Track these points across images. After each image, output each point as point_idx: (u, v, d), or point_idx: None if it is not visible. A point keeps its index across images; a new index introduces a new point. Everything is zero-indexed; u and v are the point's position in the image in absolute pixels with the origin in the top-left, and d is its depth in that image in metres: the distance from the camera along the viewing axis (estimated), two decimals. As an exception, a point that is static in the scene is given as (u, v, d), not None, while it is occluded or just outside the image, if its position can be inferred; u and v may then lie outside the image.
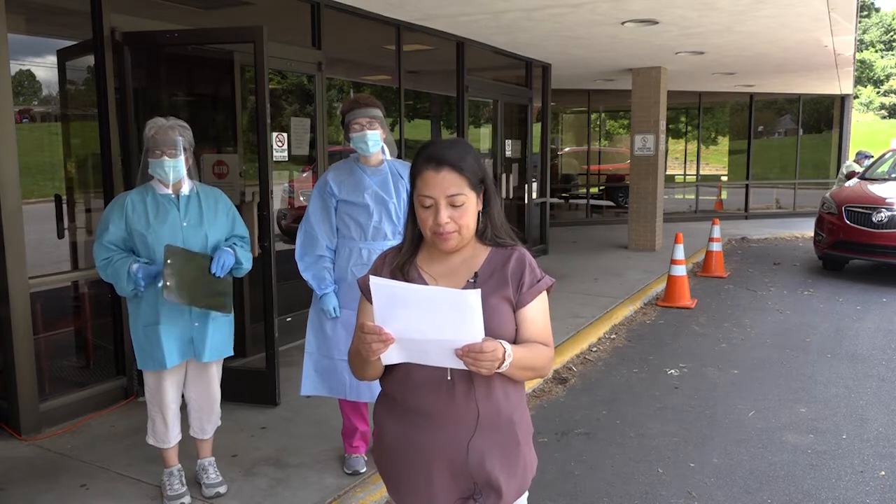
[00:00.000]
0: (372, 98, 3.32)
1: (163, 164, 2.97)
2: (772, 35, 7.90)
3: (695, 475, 3.71)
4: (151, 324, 3.03)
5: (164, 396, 3.13)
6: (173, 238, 3.01)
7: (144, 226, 2.99)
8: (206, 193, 3.16)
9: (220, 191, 3.26)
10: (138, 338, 3.09)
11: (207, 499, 3.25)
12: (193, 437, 3.33)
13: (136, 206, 3.02)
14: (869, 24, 51.21)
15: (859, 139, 21.03)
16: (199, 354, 3.13)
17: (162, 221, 3.00)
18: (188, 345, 3.11)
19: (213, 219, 3.13)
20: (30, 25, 4.62)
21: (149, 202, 3.03)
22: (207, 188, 3.19)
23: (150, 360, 3.07)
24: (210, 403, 3.28)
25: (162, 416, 3.16)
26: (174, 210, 3.05)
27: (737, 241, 12.25)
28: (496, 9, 6.41)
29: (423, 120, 9.09)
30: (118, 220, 3.00)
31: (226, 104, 5.63)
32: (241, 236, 3.25)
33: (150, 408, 3.18)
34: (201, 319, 3.11)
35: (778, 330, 6.53)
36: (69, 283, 4.68)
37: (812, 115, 16.48)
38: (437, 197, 1.64)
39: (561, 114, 15.44)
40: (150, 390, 3.15)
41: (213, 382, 3.27)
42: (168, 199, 3.05)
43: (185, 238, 3.03)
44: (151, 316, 3.03)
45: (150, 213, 3.00)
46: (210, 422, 3.32)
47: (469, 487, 1.70)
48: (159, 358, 3.04)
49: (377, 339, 1.52)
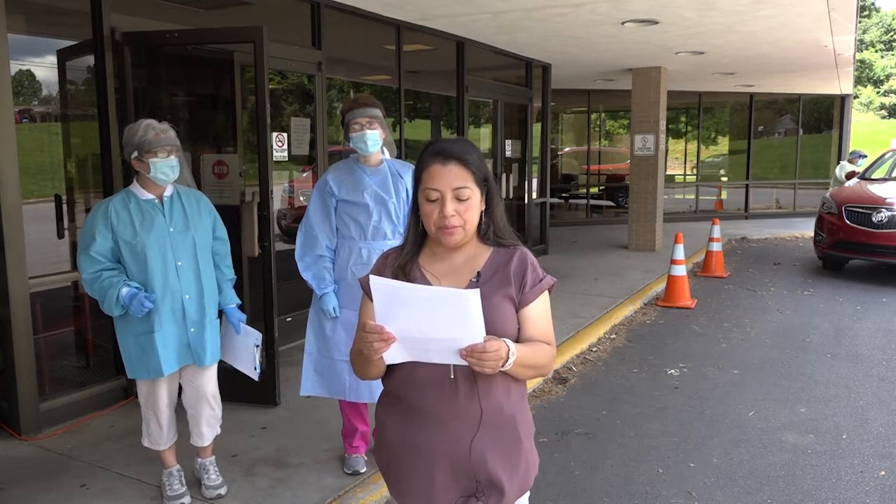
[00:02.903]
0: (372, 98, 3.32)
1: (171, 163, 2.93)
2: (772, 35, 7.90)
3: (695, 475, 3.71)
4: (145, 332, 2.97)
5: (158, 401, 3.10)
6: (161, 246, 2.95)
7: (131, 234, 2.92)
8: (187, 196, 3.10)
9: (200, 192, 3.22)
10: (128, 347, 3.02)
11: (208, 500, 3.24)
12: (193, 444, 3.31)
13: (120, 213, 2.94)
14: (869, 24, 51.21)
15: (859, 139, 21.04)
16: (200, 359, 3.09)
17: (148, 229, 2.94)
18: (185, 350, 3.07)
19: (199, 222, 3.09)
20: (30, 25, 4.62)
21: (132, 209, 2.95)
22: (186, 190, 3.14)
23: (143, 370, 3.01)
24: (207, 405, 3.23)
25: (156, 420, 3.14)
26: (159, 216, 2.99)
27: (737, 241, 12.25)
28: (496, 9, 6.41)
29: (423, 120, 9.09)
30: (104, 230, 2.91)
31: (226, 104, 5.64)
32: (221, 239, 3.23)
33: (144, 411, 3.16)
34: (197, 324, 3.07)
35: (778, 330, 6.53)
36: (69, 283, 4.67)
37: (812, 115, 16.49)
38: (443, 190, 1.65)
39: (561, 114, 15.45)
40: (144, 396, 3.12)
41: (211, 384, 3.23)
42: (152, 205, 2.99)
43: (173, 245, 2.98)
44: (143, 325, 2.96)
45: (135, 221, 2.93)
46: (209, 426, 3.27)
47: (471, 486, 1.70)
48: (155, 366, 2.98)
49: (378, 338, 1.52)
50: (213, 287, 3.15)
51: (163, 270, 2.96)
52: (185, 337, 3.06)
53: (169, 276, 2.98)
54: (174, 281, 2.99)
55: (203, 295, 3.09)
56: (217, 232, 3.21)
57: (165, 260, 2.97)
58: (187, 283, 3.03)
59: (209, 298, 3.12)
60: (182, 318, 3.04)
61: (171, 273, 2.99)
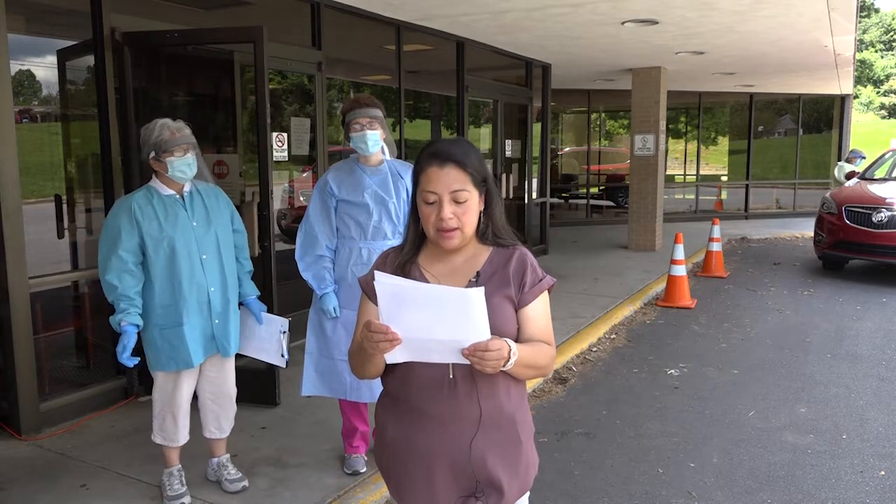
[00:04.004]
0: (372, 98, 3.32)
1: (187, 161, 2.98)
2: (772, 35, 7.90)
3: (695, 475, 3.71)
4: (172, 326, 3.02)
5: (178, 396, 3.12)
6: (187, 240, 3.01)
7: (157, 229, 2.97)
8: (206, 191, 3.17)
9: (217, 187, 3.28)
10: (153, 340, 3.05)
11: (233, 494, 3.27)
12: (209, 438, 3.33)
13: (144, 209, 2.99)
14: (869, 24, 51.20)
15: (859, 139, 21.01)
16: (225, 349, 3.16)
17: (173, 223, 3.00)
18: (210, 341, 3.13)
19: (219, 216, 3.16)
20: (30, 25, 4.63)
21: (156, 204, 3.01)
22: (204, 185, 3.19)
23: (170, 361, 3.05)
24: (228, 399, 3.31)
25: (173, 416, 3.15)
26: (182, 211, 3.05)
27: (737, 241, 12.25)
28: (497, 9, 6.41)
29: (423, 120, 9.09)
30: (129, 227, 2.95)
31: (226, 104, 5.64)
32: (239, 231, 3.30)
33: (160, 407, 3.17)
34: (221, 315, 3.14)
35: (778, 330, 6.53)
36: (69, 283, 4.68)
37: (812, 115, 16.49)
38: (440, 192, 1.65)
39: (561, 114, 15.44)
40: (163, 390, 3.14)
41: (231, 376, 3.31)
42: (174, 200, 3.05)
43: (197, 239, 3.05)
44: (170, 318, 3.02)
45: (159, 216, 2.99)
46: (227, 419, 3.34)
47: (471, 486, 1.70)
48: (184, 357, 3.04)
49: (384, 337, 1.51)
50: (234, 279, 3.23)
51: (189, 264, 3.02)
52: (210, 329, 3.12)
53: (195, 270, 3.04)
54: (199, 274, 3.06)
55: (227, 287, 3.16)
56: (235, 225, 3.28)
57: (191, 254, 3.03)
58: (212, 276, 3.10)
59: (232, 290, 3.20)
60: (208, 310, 3.10)
61: (197, 266, 3.05)
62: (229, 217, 3.23)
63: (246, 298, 3.32)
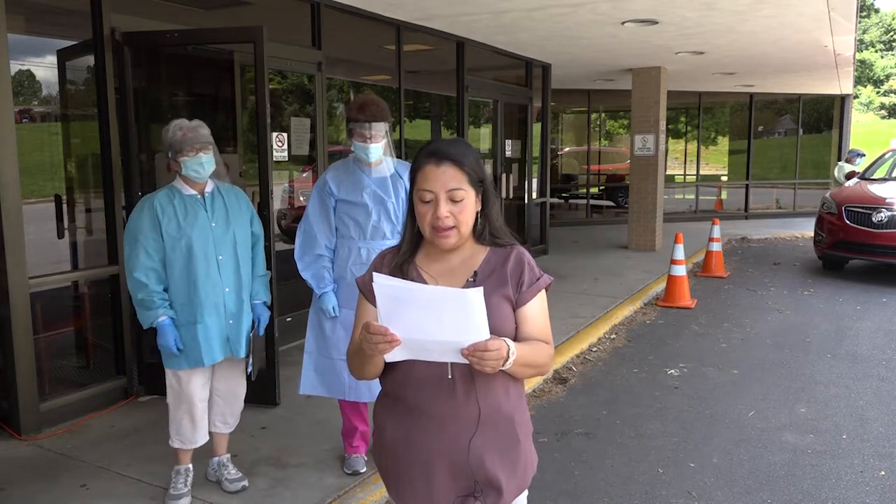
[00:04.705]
0: (381, 107, 3.25)
1: (200, 160, 2.99)
2: (772, 35, 7.90)
3: (695, 475, 3.71)
4: (186, 324, 3.04)
5: (192, 395, 3.13)
6: (204, 240, 3.03)
7: (176, 229, 3.00)
8: (227, 192, 3.19)
9: (238, 187, 3.30)
10: None
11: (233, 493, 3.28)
12: (214, 432, 3.35)
13: (165, 208, 3.02)
14: (869, 24, 51.20)
15: (859, 139, 21.00)
16: (237, 351, 3.18)
17: (192, 223, 3.03)
18: (225, 342, 3.15)
19: (239, 217, 3.18)
20: (30, 25, 4.63)
21: (177, 204, 3.04)
22: (226, 186, 3.23)
23: (183, 360, 3.07)
24: (236, 396, 3.34)
25: (189, 416, 3.16)
26: (202, 211, 3.07)
27: (737, 241, 12.25)
28: (497, 9, 6.41)
29: (423, 120, 9.09)
30: (151, 225, 2.99)
31: (226, 104, 5.64)
32: (257, 234, 3.30)
33: (175, 410, 3.17)
34: (235, 317, 3.15)
35: (778, 330, 6.53)
36: (69, 283, 4.68)
37: (812, 115, 16.48)
38: (437, 191, 1.65)
39: (561, 114, 15.44)
40: (176, 390, 3.15)
41: (242, 376, 3.33)
42: (195, 200, 3.07)
43: (215, 239, 3.06)
44: (185, 316, 3.04)
45: (179, 215, 3.02)
46: (234, 415, 3.37)
47: (469, 486, 1.70)
48: (196, 356, 3.06)
49: (383, 339, 1.51)
50: (249, 280, 3.24)
51: (205, 264, 3.05)
52: (225, 329, 3.14)
53: (211, 270, 3.06)
54: (215, 274, 3.08)
55: (241, 288, 3.18)
56: (254, 227, 3.29)
57: (208, 254, 3.05)
58: (227, 277, 3.12)
59: (246, 291, 3.21)
60: (223, 310, 3.12)
61: (213, 267, 3.07)
62: (249, 218, 3.25)
63: (252, 300, 3.29)
